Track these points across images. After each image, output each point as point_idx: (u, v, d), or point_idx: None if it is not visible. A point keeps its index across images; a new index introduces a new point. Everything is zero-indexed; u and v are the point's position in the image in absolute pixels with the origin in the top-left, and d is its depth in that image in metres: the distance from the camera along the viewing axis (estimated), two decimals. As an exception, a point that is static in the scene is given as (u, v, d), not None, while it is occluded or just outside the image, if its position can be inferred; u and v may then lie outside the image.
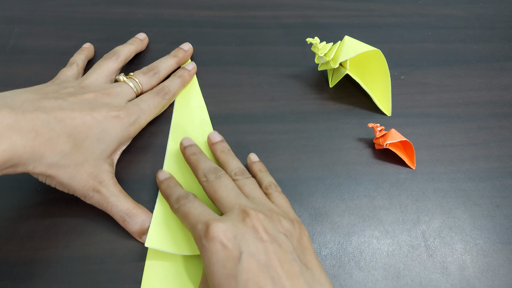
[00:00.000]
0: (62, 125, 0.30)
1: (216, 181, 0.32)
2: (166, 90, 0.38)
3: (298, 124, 0.41)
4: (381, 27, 0.48)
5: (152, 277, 0.32)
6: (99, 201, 0.32)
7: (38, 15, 0.45)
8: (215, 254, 0.26)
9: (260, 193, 0.32)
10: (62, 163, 0.30)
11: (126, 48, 0.41)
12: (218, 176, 0.32)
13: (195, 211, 0.29)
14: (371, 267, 0.34)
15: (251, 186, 0.32)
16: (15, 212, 0.34)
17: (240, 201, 0.30)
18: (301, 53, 0.45)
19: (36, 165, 0.29)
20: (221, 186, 0.31)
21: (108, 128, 0.33)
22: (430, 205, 0.37)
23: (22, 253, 0.33)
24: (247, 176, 0.34)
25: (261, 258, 0.26)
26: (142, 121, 0.36)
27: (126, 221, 0.33)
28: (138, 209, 0.33)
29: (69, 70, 0.38)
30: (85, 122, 0.31)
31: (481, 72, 0.46)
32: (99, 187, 0.32)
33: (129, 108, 0.35)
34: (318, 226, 0.36)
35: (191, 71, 0.42)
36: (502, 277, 0.34)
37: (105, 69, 0.37)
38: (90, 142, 0.32)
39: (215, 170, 0.33)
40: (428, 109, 0.42)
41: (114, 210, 0.33)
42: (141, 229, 0.33)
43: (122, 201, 0.33)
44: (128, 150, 0.38)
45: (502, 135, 0.41)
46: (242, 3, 0.49)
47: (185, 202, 0.31)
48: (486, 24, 0.50)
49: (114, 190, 0.33)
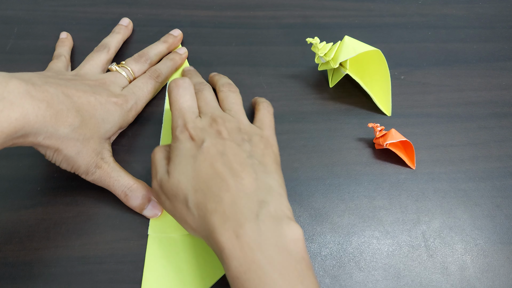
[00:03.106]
0: (70, 101, 0.31)
1: (199, 93, 0.36)
2: (158, 73, 0.40)
3: (297, 124, 0.41)
4: (381, 27, 0.48)
5: (152, 277, 0.32)
6: (101, 176, 0.33)
7: (38, 15, 0.45)
8: (183, 143, 0.31)
9: (239, 108, 0.36)
10: (71, 136, 0.31)
11: (114, 38, 0.42)
12: (201, 89, 0.36)
13: (185, 104, 0.34)
14: (371, 267, 0.34)
15: (232, 100, 0.36)
16: (14, 213, 0.34)
17: (214, 111, 0.34)
18: (300, 53, 0.45)
19: (47, 136, 0.29)
20: (202, 98, 0.35)
21: (110, 112, 0.34)
22: (430, 205, 0.37)
23: (22, 253, 0.33)
24: (233, 89, 0.38)
25: (218, 148, 0.30)
26: (139, 106, 0.38)
27: (127, 195, 0.34)
28: (139, 184, 0.34)
29: (59, 62, 0.39)
30: (90, 102, 0.32)
31: (481, 72, 0.45)
32: (101, 163, 0.33)
33: (125, 95, 0.36)
34: (318, 227, 0.36)
35: (183, 55, 0.43)
36: (502, 277, 0.34)
37: (97, 61, 0.38)
38: (96, 121, 0.33)
39: (199, 84, 0.37)
40: (428, 109, 0.42)
41: (116, 185, 0.34)
42: (142, 203, 0.34)
43: (123, 177, 0.34)
44: (126, 150, 0.38)
45: (502, 135, 0.41)
46: (241, 3, 0.49)
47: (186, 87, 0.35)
48: (486, 24, 0.50)
49: (115, 166, 0.34)
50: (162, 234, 0.34)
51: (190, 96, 0.34)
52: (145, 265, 0.33)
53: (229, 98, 0.36)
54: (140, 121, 0.39)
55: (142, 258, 0.33)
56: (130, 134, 0.39)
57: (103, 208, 0.35)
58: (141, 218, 0.35)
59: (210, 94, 0.36)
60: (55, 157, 0.31)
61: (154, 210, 0.34)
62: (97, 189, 0.36)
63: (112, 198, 0.35)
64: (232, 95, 0.37)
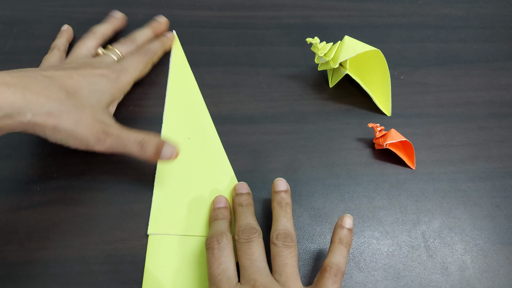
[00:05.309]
0: (50, 80, 0.31)
1: (245, 245, 0.30)
2: (146, 48, 0.40)
3: (297, 124, 0.41)
4: (381, 27, 0.48)
5: (152, 277, 0.32)
6: (113, 142, 0.33)
7: (38, 15, 0.45)
8: None
9: (292, 271, 0.29)
10: (62, 109, 0.30)
11: (102, 26, 0.42)
12: (249, 240, 0.30)
13: (219, 269, 0.29)
14: (371, 267, 0.34)
15: (285, 260, 0.29)
16: (14, 213, 0.34)
17: (258, 278, 0.28)
18: (300, 53, 0.45)
19: (34, 114, 0.29)
20: (248, 253, 0.29)
21: (96, 83, 0.34)
22: (430, 205, 0.37)
23: (21, 254, 0.33)
24: (288, 244, 0.30)
25: None
26: (128, 76, 0.37)
27: (143, 146, 0.33)
28: (150, 135, 0.34)
29: (52, 56, 0.40)
30: (73, 77, 0.33)
31: (481, 72, 0.45)
32: (108, 129, 0.33)
33: (110, 67, 0.36)
34: (318, 227, 0.36)
35: (170, 38, 0.44)
36: (502, 277, 0.34)
37: (84, 47, 0.39)
38: (82, 92, 0.33)
39: (249, 232, 0.30)
40: (428, 109, 0.42)
41: (129, 144, 0.33)
42: (157, 151, 0.33)
43: (133, 133, 0.33)
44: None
45: (502, 135, 0.41)
46: (241, 4, 0.49)
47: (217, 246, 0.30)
48: (486, 24, 0.50)
49: (122, 128, 0.34)
50: (162, 234, 0.34)
51: (226, 258, 0.29)
52: (146, 265, 0.33)
53: (282, 257, 0.29)
54: (140, 121, 0.39)
55: (142, 258, 0.33)
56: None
57: (102, 208, 0.35)
58: (141, 218, 0.35)
59: (259, 248, 0.30)
60: (57, 136, 0.31)
61: (169, 150, 0.33)
62: (97, 189, 0.36)
63: (112, 198, 0.35)
64: (286, 253, 0.29)
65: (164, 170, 0.37)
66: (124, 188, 0.36)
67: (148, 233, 0.34)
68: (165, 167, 0.37)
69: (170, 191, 0.36)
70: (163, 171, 0.37)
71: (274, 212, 0.33)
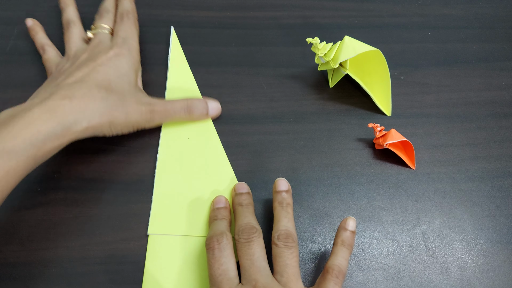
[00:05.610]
0: (83, 83, 0.33)
1: (245, 245, 0.30)
2: (123, 11, 0.41)
3: (297, 124, 0.41)
4: (381, 27, 0.48)
5: (153, 277, 0.32)
6: (161, 116, 0.37)
7: (38, 15, 0.45)
8: None
9: (293, 271, 0.29)
10: (109, 106, 0.33)
11: (69, 11, 0.42)
12: (249, 240, 0.30)
13: (219, 270, 0.29)
14: (371, 267, 0.34)
15: (286, 261, 0.29)
16: (15, 213, 0.34)
17: (259, 279, 0.28)
18: (300, 53, 0.45)
19: (89, 120, 0.32)
20: (248, 254, 0.29)
21: (118, 66, 0.36)
22: (430, 205, 0.37)
23: (22, 254, 0.33)
24: (290, 245, 0.30)
25: None
26: (134, 43, 0.39)
27: (191, 109, 0.38)
28: (192, 99, 0.38)
29: (50, 53, 0.40)
30: (98, 72, 0.34)
31: (481, 72, 0.45)
32: (153, 107, 0.36)
33: (117, 44, 0.37)
34: (318, 227, 0.36)
35: None
36: (502, 277, 0.34)
37: (74, 36, 0.40)
38: (115, 82, 0.35)
39: (249, 231, 0.30)
40: (428, 109, 0.42)
41: (176, 113, 0.37)
42: (204, 107, 0.39)
43: (176, 102, 0.38)
44: (126, 150, 0.38)
45: (502, 135, 0.41)
46: (241, 4, 0.49)
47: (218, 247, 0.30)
48: (486, 24, 0.50)
49: (163, 101, 0.37)
50: (162, 234, 0.34)
51: (227, 259, 0.29)
52: (146, 266, 0.33)
53: (283, 258, 0.29)
54: (140, 122, 0.39)
55: (142, 258, 0.33)
56: (130, 134, 0.39)
57: (103, 208, 0.35)
58: (141, 218, 0.35)
59: (259, 248, 0.30)
60: (113, 130, 0.34)
61: (215, 106, 0.39)
62: (97, 189, 0.36)
63: (112, 199, 0.35)
64: (288, 253, 0.29)
65: (164, 170, 0.37)
66: (124, 188, 0.36)
67: (148, 233, 0.34)
68: (166, 167, 0.37)
69: (170, 191, 0.36)
70: (163, 171, 0.37)
71: (275, 212, 0.33)
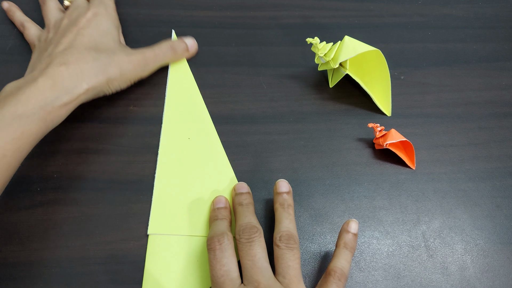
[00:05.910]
0: (73, 49, 0.35)
1: (246, 245, 0.30)
2: None
3: (297, 124, 0.41)
4: (381, 27, 0.48)
5: (153, 277, 0.32)
6: (154, 61, 0.39)
7: (38, 15, 0.45)
8: None
9: (295, 273, 0.29)
10: (102, 64, 0.35)
11: None
12: (250, 240, 0.30)
13: (222, 271, 0.29)
14: (371, 267, 0.34)
15: (288, 262, 0.29)
16: (15, 213, 0.34)
17: (262, 280, 0.28)
18: (300, 53, 0.45)
19: (88, 82, 0.34)
20: (249, 254, 0.29)
21: (97, 24, 0.38)
22: (430, 205, 0.37)
23: (22, 254, 0.33)
24: (291, 246, 0.30)
25: None
26: (110, 3, 0.41)
27: (174, 48, 0.41)
28: (172, 40, 0.41)
29: (30, 28, 0.42)
30: (83, 35, 0.36)
31: (481, 72, 0.45)
32: (144, 55, 0.38)
33: (94, 5, 0.39)
34: (318, 227, 0.36)
35: None
36: (502, 277, 0.34)
37: (51, 8, 0.41)
38: (100, 42, 0.37)
39: (249, 231, 0.30)
40: (428, 109, 0.42)
41: (165, 55, 0.40)
42: (184, 46, 0.42)
43: (161, 45, 0.40)
44: (126, 150, 0.38)
45: (502, 135, 0.41)
46: (241, 4, 0.49)
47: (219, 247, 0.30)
48: (486, 24, 0.50)
49: (149, 47, 0.39)
50: (162, 234, 0.34)
51: (228, 259, 0.29)
52: (146, 266, 0.33)
53: (285, 259, 0.29)
54: (140, 121, 0.39)
55: (142, 258, 0.33)
56: (130, 134, 0.39)
57: (103, 208, 0.35)
58: (141, 218, 0.35)
59: (261, 248, 0.30)
60: (112, 87, 0.36)
61: (190, 42, 0.42)
62: (97, 189, 0.36)
63: (112, 199, 0.35)
64: (290, 255, 0.29)
65: (164, 170, 0.37)
66: (124, 188, 0.36)
67: (148, 233, 0.34)
68: (166, 167, 0.37)
69: (170, 191, 0.36)
70: (163, 171, 0.37)
71: (276, 214, 0.33)
